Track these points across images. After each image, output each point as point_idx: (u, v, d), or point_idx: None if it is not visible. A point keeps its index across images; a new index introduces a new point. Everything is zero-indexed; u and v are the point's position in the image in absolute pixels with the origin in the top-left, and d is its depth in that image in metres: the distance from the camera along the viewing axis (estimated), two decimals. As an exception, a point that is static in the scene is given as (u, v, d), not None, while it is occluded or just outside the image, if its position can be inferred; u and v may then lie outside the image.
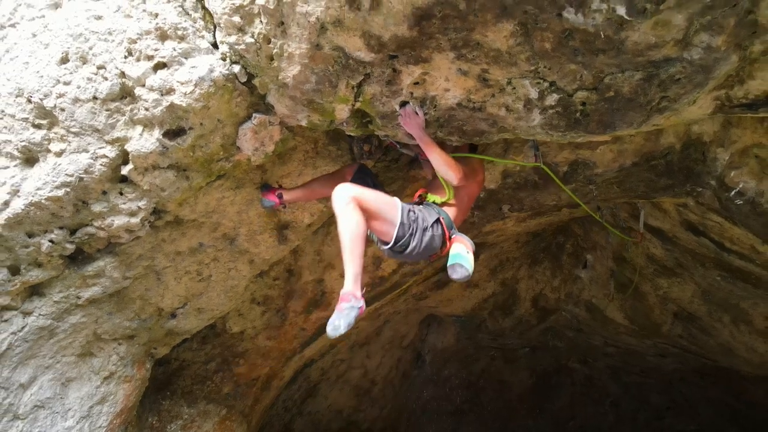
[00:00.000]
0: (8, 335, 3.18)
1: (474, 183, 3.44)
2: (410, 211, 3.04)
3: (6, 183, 2.79)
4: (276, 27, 2.56)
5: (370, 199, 2.86)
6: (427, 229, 3.04)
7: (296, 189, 3.60)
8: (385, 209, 2.93)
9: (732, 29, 2.13)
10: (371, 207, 2.85)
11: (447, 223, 3.16)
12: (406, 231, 2.95)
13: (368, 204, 2.83)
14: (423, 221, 3.04)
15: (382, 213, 2.92)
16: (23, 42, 2.69)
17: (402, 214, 2.95)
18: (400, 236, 2.94)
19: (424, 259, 3.25)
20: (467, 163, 3.32)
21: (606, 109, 2.63)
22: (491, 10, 2.25)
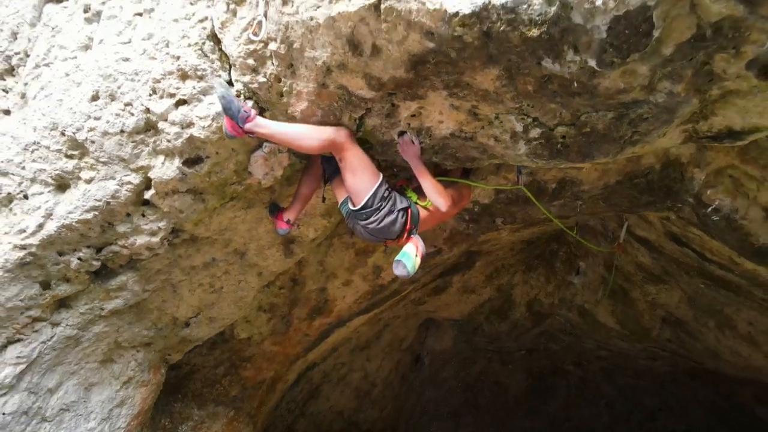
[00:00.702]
0: (38, 344, 3.46)
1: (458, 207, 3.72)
2: (388, 189, 3.22)
3: (41, 207, 3.08)
4: (286, 69, 2.84)
5: (354, 154, 3.05)
6: (393, 212, 3.19)
7: (294, 205, 3.81)
8: (364, 170, 3.10)
9: (690, 78, 2.41)
10: (353, 159, 3.05)
11: (413, 217, 3.29)
12: (375, 203, 3.12)
13: (351, 155, 3.03)
14: (393, 204, 3.21)
15: (360, 171, 3.09)
16: (57, 80, 2.98)
17: (380, 186, 3.13)
18: (368, 205, 3.12)
19: (377, 241, 3.37)
20: (457, 188, 3.60)
21: (584, 142, 2.91)
22: (479, 58, 2.53)
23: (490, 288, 8.20)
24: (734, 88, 2.48)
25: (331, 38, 2.62)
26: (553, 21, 2.21)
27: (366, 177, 3.11)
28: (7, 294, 3.20)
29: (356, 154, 3.06)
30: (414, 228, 3.32)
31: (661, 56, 2.29)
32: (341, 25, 2.54)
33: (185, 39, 2.87)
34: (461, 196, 3.64)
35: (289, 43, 2.73)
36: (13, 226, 3.10)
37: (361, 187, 3.12)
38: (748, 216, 4.12)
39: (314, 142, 2.98)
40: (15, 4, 3.13)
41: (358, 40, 2.60)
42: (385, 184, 3.21)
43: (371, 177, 3.13)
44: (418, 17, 2.38)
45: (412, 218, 3.28)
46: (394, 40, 2.53)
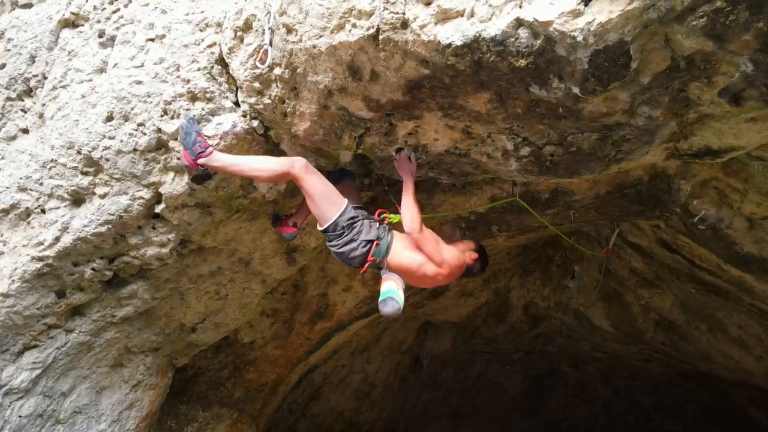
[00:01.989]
0: (53, 350, 3.64)
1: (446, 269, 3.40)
2: (354, 218, 3.22)
3: (57, 221, 3.25)
4: (290, 91, 3.02)
5: (312, 182, 3.09)
6: (353, 241, 3.20)
7: (300, 211, 3.96)
8: (322, 199, 3.15)
9: (667, 104, 2.58)
10: (310, 188, 3.10)
11: (378, 250, 3.23)
12: (337, 229, 3.18)
13: (308, 184, 3.08)
14: (357, 234, 3.20)
15: (318, 199, 3.13)
16: (74, 102, 3.15)
17: (341, 216, 3.17)
18: (330, 230, 3.20)
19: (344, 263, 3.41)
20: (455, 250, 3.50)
21: (571, 160, 3.08)
22: (471, 83, 2.71)
23: (488, 291, 8.35)
24: (709, 113, 2.66)
25: (332, 64, 2.79)
26: (539, 53, 2.38)
27: (325, 205, 3.17)
28: (25, 303, 3.38)
29: (313, 184, 3.11)
30: (381, 258, 3.25)
31: (639, 84, 2.46)
32: (342, 53, 2.71)
33: (195, 63, 3.04)
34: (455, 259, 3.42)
35: (293, 68, 2.90)
36: (31, 239, 3.28)
37: (321, 214, 3.20)
38: (733, 225, 4.28)
39: (267, 173, 3.08)
40: (33, 29, 3.30)
41: (358, 66, 2.77)
42: (351, 212, 3.23)
43: (331, 205, 3.18)
44: (413, 47, 2.55)
45: (375, 251, 3.23)
46: (392, 67, 2.71)
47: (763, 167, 3.36)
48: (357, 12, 2.57)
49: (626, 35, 2.20)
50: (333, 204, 3.18)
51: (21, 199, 3.29)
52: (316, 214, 3.24)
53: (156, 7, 3.10)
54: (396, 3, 2.48)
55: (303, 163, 3.08)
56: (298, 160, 3.08)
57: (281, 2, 2.73)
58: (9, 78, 3.34)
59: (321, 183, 3.15)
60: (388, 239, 3.30)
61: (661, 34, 2.24)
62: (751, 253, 4.37)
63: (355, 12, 2.57)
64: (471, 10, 2.40)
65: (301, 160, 3.10)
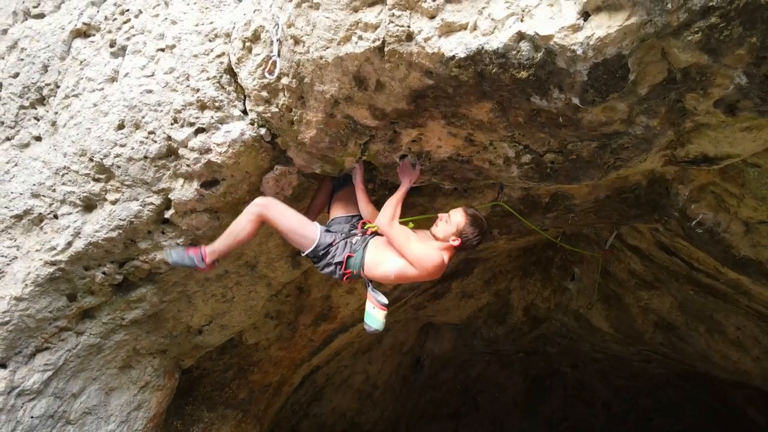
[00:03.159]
0: (64, 352, 3.71)
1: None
2: (330, 244, 3.34)
3: (69, 227, 3.33)
4: (297, 100, 3.10)
5: (279, 221, 3.24)
6: (330, 264, 3.36)
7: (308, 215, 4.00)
8: (294, 233, 3.30)
9: (664, 113, 2.66)
10: (278, 226, 3.27)
11: (352, 262, 3.32)
12: (317, 255, 3.34)
13: (275, 223, 3.24)
14: (331, 257, 3.34)
15: (290, 234, 3.30)
16: (86, 110, 3.23)
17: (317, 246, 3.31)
18: (311, 256, 3.36)
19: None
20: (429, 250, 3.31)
21: (571, 167, 3.16)
22: (474, 93, 2.78)
23: (488, 293, 8.44)
24: (705, 122, 2.74)
25: (338, 75, 2.87)
26: (540, 65, 2.46)
27: (298, 240, 3.33)
28: (38, 306, 3.45)
29: (280, 222, 3.25)
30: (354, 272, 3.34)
31: (637, 95, 2.54)
32: (348, 64, 2.79)
33: (204, 73, 3.12)
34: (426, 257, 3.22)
35: (300, 78, 2.98)
36: (44, 243, 3.36)
37: (298, 245, 3.40)
38: (730, 229, 4.36)
39: (246, 230, 3.23)
40: (46, 38, 3.38)
41: (364, 76, 2.85)
42: (327, 238, 3.35)
43: (304, 239, 3.32)
44: (418, 59, 2.63)
45: (349, 263, 3.33)
46: (397, 77, 2.78)
47: (758, 174, 3.44)
48: (363, 25, 2.65)
49: (624, 49, 2.28)
50: (305, 237, 3.32)
51: (34, 205, 3.37)
52: (292, 242, 3.40)
53: (166, 18, 3.17)
54: (401, 16, 2.55)
55: (264, 204, 3.24)
56: (259, 205, 3.23)
57: (289, 14, 2.81)
58: (22, 87, 3.42)
59: (288, 219, 3.28)
60: (362, 252, 3.34)
61: (658, 48, 2.32)
62: (748, 256, 4.45)
63: (361, 25, 2.65)
64: (474, 24, 2.48)
65: (261, 202, 3.24)
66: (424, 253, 3.19)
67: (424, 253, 3.19)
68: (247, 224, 3.22)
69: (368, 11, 2.64)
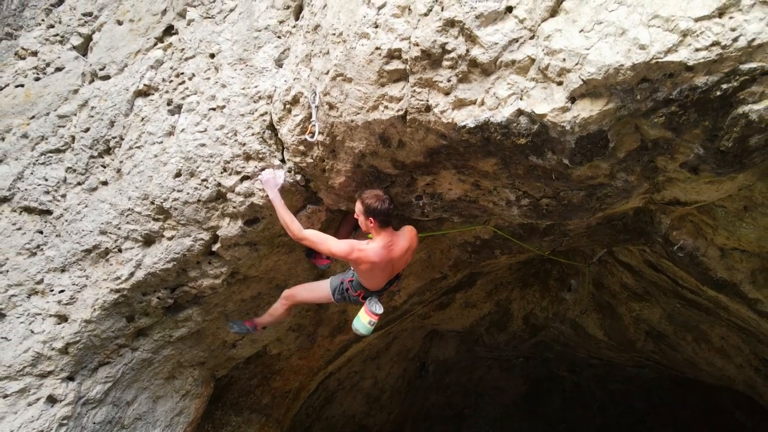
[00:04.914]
0: (122, 366, 4.25)
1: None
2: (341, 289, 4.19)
3: (132, 259, 3.87)
4: (329, 153, 3.63)
5: (304, 299, 4.40)
6: (347, 298, 4.21)
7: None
8: (314, 296, 4.37)
9: (640, 171, 3.20)
10: (303, 299, 4.40)
11: (355, 284, 4.10)
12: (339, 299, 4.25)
13: (299, 298, 4.35)
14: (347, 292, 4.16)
15: (312, 297, 4.39)
16: (147, 160, 3.76)
17: (333, 294, 4.23)
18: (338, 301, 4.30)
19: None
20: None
21: (563, 209, 3.69)
22: (480, 152, 3.32)
23: (490, 303, 8.96)
24: (674, 177, 3.27)
25: (366, 135, 3.40)
26: (536, 134, 2.99)
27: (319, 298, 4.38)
28: (103, 327, 3.98)
29: (305, 297, 4.38)
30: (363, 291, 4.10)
31: (616, 158, 3.07)
32: (375, 127, 3.32)
33: (249, 129, 3.65)
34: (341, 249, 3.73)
35: (333, 136, 3.51)
36: (110, 274, 3.89)
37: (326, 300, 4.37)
38: (707, 254, 4.87)
39: (281, 312, 4.43)
40: (112, 98, 3.90)
41: (388, 137, 3.38)
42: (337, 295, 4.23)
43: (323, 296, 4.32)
44: (435, 126, 3.16)
45: (354, 287, 4.11)
46: (416, 138, 3.32)
47: (725, 212, 3.96)
48: (389, 97, 3.18)
49: (604, 126, 2.82)
50: (323, 296, 4.32)
51: (102, 241, 3.90)
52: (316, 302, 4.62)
53: (216, 82, 3.70)
54: (421, 93, 3.09)
55: (289, 296, 4.35)
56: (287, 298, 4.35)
57: (326, 85, 3.34)
58: (92, 140, 3.95)
59: (308, 291, 4.38)
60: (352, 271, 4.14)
61: (632, 124, 2.85)
62: (723, 278, 4.97)
63: (387, 97, 3.18)
64: (482, 100, 3.01)
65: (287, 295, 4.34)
66: (334, 245, 3.66)
67: (334, 245, 3.66)
68: (281, 310, 4.42)
69: (393, 86, 3.17)
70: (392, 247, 3.78)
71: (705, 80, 2.47)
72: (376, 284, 4.05)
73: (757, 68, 2.38)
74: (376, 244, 3.72)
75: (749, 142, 2.68)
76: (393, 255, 3.80)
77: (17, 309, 3.89)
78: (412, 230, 4.03)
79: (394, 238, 3.81)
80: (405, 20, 3.05)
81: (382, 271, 3.90)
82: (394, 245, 3.80)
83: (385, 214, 3.63)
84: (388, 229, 3.76)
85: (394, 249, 3.79)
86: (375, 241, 3.75)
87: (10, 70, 4.14)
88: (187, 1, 3.84)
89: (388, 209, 3.63)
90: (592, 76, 2.62)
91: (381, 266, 3.81)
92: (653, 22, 2.48)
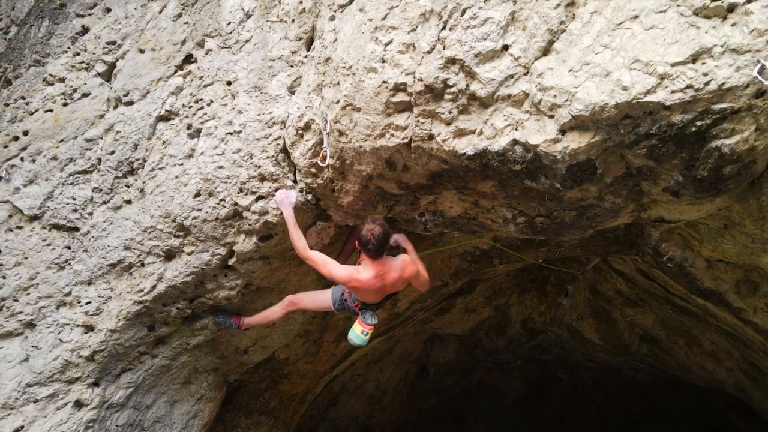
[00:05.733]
0: (142, 372, 4.52)
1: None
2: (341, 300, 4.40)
3: (154, 273, 4.14)
4: (339, 175, 3.90)
5: (304, 303, 4.56)
6: (346, 308, 4.42)
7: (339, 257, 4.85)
8: (317, 305, 4.58)
9: (626, 194, 3.47)
10: (306, 307, 4.63)
11: (351, 297, 4.30)
12: (339, 308, 4.46)
13: (302, 305, 4.56)
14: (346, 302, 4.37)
15: (315, 306, 4.61)
16: (169, 181, 4.03)
17: (334, 303, 4.44)
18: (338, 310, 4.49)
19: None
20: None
21: (556, 227, 3.97)
22: (479, 175, 3.59)
23: (489, 308, 9.22)
24: (658, 199, 3.54)
25: (374, 159, 3.67)
26: (530, 161, 3.26)
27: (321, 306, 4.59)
28: (126, 336, 4.26)
29: (306, 304, 4.59)
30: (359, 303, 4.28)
31: (604, 183, 3.34)
32: (382, 152, 3.60)
33: (264, 153, 3.92)
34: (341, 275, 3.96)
35: (343, 160, 3.79)
36: (133, 287, 4.17)
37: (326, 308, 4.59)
38: (695, 265, 5.14)
39: (278, 314, 4.59)
40: (136, 123, 4.18)
41: (394, 161, 3.66)
42: (338, 305, 4.44)
43: (324, 305, 4.52)
44: (437, 152, 3.44)
45: (351, 299, 4.31)
46: (420, 163, 3.59)
47: (708, 229, 4.23)
48: (395, 126, 3.45)
49: (592, 155, 3.08)
50: (325, 305, 4.52)
51: (126, 256, 4.17)
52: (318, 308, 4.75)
53: (233, 108, 3.98)
54: (425, 123, 3.37)
55: (292, 301, 4.53)
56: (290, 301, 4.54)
57: (336, 114, 3.61)
58: (117, 162, 4.22)
59: (311, 300, 4.58)
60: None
61: (618, 153, 3.12)
62: (710, 287, 5.23)
63: (393, 126, 3.46)
64: (480, 130, 3.28)
65: (291, 299, 4.53)
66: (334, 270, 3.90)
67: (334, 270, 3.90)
68: (280, 313, 4.58)
69: (399, 116, 3.44)
70: (384, 276, 3.93)
71: (681, 118, 2.73)
72: (371, 300, 4.28)
73: (727, 108, 2.65)
74: (369, 273, 3.89)
75: (723, 171, 2.95)
76: (384, 283, 3.99)
77: (47, 319, 4.18)
78: (406, 261, 4.08)
79: (386, 268, 3.93)
80: (410, 56, 3.33)
81: (374, 294, 4.14)
82: (386, 275, 3.94)
83: (374, 249, 3.72)
84: (380, 259, 3.87)
85: (385, 279, 3.95)
86: (368, 270, 3.91)
87: (39, 95, 4.41)
88: (205, 32, 4.12)
89: (376, 244, 3.69)
90: (580, 112, 2.88)
91: (373, 291, 4.05)
92: (634, 66, 2.74)
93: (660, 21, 2.75)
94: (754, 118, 2.67)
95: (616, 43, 2.83)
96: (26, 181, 4.29)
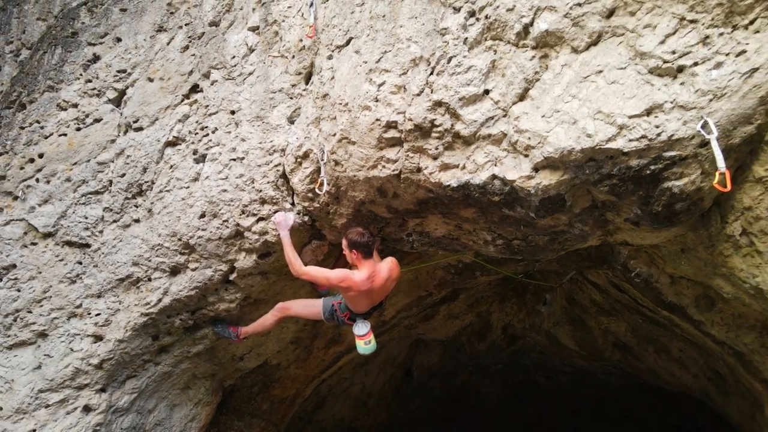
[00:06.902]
0: (146, 378, 4.82)
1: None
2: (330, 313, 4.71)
3: (160, 287, 4.45)
4: (334, 200, 4.25)
5: (294, 309, 4.80)
6: (335, 318, 4.71)
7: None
8: (307, 312, 4.83)
9: (593, 222, 3.87)
10: (296, 313, 4.85)
11: (341, 308, 4.64)
12: (328, 318, 4.74)
13: (292, 311, 4.79)
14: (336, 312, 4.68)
15: (305, 312, 4.84)
16: (175, 203, 4.35)
17: (324, 313, 4.73)
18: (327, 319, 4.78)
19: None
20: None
21: (531, 249, 4.36)
22: (462, 203, 3.96)
23: (471, 314, 9.60)
24: (621, 227, 3.94)
25: (366, 187, 4.03)
26: (507, 194, 3.64)
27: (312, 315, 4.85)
28: (132, 345, 4.56)
29: (297, 311, 4.84)
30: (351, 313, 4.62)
31: (573, 213, 3.74)
32: (374, 182, 3.95)
33: (265, 178, 4.26)
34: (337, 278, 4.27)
35: (338, 186, 4.14)
36: (140, 300, 4.47)
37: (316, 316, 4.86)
38: (660, 281, 5.57)
39: (271, 322, 4.83)
40: (145, 148, 4.48)
41: (385, 189, 4.02)
42: (326, 313, 4.73)
43: (315, 313, 4.80)
44: (424, 183, 3.80)
45: (341, 309, 4.64)
46: (408, 192, 3.96)
47: (668, 251, 4.65)
48: (386, 159, 3.81)
49: (561, 191, 3.47)
50: (315, 312, 4.80)
51: (134, 272, 4.48)
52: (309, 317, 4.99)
53: (236, 136, 4.31)
54: (413, 157, 3.73)
55: (283, 308, 4.79)
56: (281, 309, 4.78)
57: (333, 145, 3.97)
58: (127, 184, 4.52)
59: (302, 307, 4.85)
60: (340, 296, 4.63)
61: (585, 188, 3.51)
62: (673, 301, 5.67)
63: (385, 159, 3.82)
64: (463, 165, 3.66)
65: (281, 307, 4.78)
66: (330, 275, 4.24)
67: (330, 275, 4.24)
68: (272, 320, 4.83)
69: (390, 150, 3.80)
70: (374, 276, 4.33)
71: (637, 162, 3.13)
72: (361, 308, 4.63)
73: (676, 155, 3.05)
74: (362, 273, 4.27)
75: (675, 207, 3.36)
76: (375, 284, 4.36)
77: (59, 330, 4.47)
78: (393, 261, 4.52)
79: (376, 269, 4.33)
80: (401, 97, 3.69)
81: (366, 298, 4.48)
82: (376, 275, 4.33)
83: (366, 246, 4.21)
84: (371, 260, 4.29)
85: (376, 279, 4.34)
86: (361, 271, 4.28)
87: (54, 119, 4.70)
88: (211, 64, 4.45)
89: (368, 241, 4.21)
90: (550, 154, 3.27)
91: (365, 293, 4.39)
92: (598, 116, 3.14)
93: (620, 77, 3.15)
94: (699, 164, 3.07)
95: (583, 94, 3.23)
96: (41, 200, 4.58)
